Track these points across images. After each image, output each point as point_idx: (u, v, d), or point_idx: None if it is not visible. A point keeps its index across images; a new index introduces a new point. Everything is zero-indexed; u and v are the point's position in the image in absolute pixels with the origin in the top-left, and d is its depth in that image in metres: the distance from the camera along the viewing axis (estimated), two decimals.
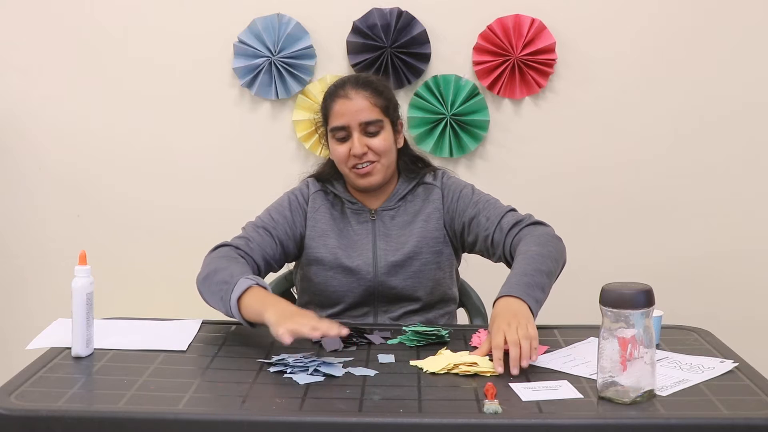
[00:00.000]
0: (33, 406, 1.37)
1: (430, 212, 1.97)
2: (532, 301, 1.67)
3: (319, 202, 1.98)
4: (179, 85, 2.73)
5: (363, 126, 1.91)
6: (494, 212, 1.92)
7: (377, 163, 1.92)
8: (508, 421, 1.33)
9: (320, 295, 1.95)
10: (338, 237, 1.95)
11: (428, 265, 1.94)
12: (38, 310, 2.71)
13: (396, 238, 1.95)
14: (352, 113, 1.90)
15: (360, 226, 1.96)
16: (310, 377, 1.49)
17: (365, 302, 1.95)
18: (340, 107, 1.92)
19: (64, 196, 2.76)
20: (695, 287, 2.77)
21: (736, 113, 2.74)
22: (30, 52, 2.72)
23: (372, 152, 1.91)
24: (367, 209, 1.98)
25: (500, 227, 1.89)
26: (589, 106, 2.73)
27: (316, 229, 1.95)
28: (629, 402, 1.38)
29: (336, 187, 2.00)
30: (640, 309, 1.38)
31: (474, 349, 1.64)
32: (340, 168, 1.95)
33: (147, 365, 1.56)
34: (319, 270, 1.94)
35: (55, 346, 1.65)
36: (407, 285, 1.94)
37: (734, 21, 2.71)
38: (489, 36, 2.68)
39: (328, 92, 1.97)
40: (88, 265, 1.60)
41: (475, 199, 1.96)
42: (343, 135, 1.92)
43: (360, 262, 1.93)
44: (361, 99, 1.91)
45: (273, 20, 2.68)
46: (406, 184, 2.00)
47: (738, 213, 2.77)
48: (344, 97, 1.92)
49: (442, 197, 1.97)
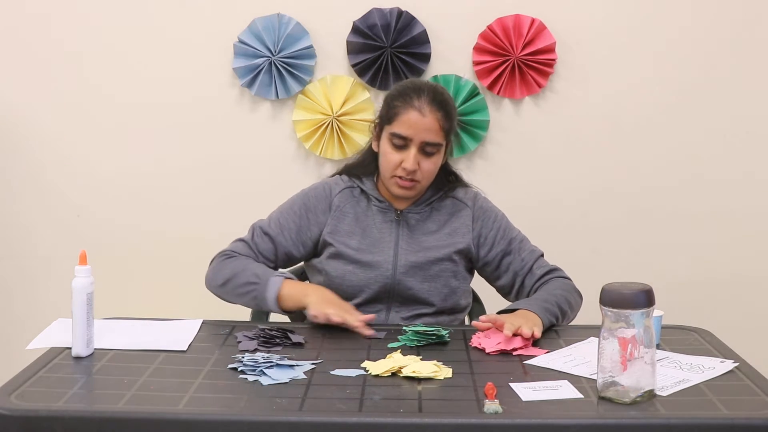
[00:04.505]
0: (33, 406, 1.37)
1: (457, 227, 1.99)
2: (546, 320, 1.78)
3: (344, 201, 1.99)
4: (179, 84, 2.72)
5: (423, 144, 1.91)
6: (529, 255, 1.99)
7: (419, 183, 1.94)
8: (508, 421, 1.33)
9: (336, 288, 1.93)
10: (361, 237, 1.96)
11: (446, 272, 1.96)
12: (38, 310, 2.71)
13: (418, 241, 1.96)
14: (420, 130, 1.90)
15: (384, 225, 1.97)
16: (261, 377, 1.48)
17: (380, 299, 1.95)
18: (410, 118, 1.90)
19: (64, 196, 2.76)
20: (695, 287, 2.76)
21: (736, 111, 2.73)
22: (26, 55, 2.71)
23: (420, 172, 1.92)
24: (394, 209, 1.99)
25: (533, 272, 1.97)
26: (589, 105, 2.73)
27: (338, 229, 1.97)
28: (629, 402, 1.38)
29: (365, 183, 2.00)
30: (641, 309, 1.38)
31: (473, 348, 1.69)
32: (383, 170, 1.96)
33: (147, 365, 1.56)
34: (339, 264, 1.95)
35: (55, 346, 1.65)
36: (423, 287, 1.94)
37: (732, 18, 2.70)
38: (489, 36, 2.68)
39: (402, 93, 1.94)
40: (89, 265, 1.60)
41: (510, 235, 2.01)
42: (402, 144, 1.91)
43: (380, 258, 1.94)
44: (433, 119, 1.91)
45: (273, 20, 2.68)
46: (433, 192, 2.01)
47: (738, 212, 2.77)
48: (418, 111, 1.90)
49: (472, 218, 2.00)
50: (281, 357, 1.58)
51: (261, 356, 1.57)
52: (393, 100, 1.95)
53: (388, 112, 1.95)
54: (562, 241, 2.70)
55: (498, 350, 1.65)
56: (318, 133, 2.70)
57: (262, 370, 1.52)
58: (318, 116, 2.70)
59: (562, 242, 2.70)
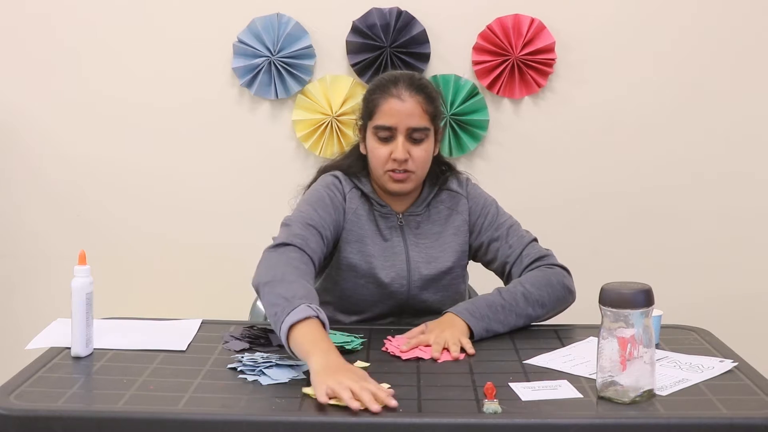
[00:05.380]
0: (32, 406, 1.36)
1: (458, 225, 1.93)
2: (480, 329, 1.70)
3: (356, 203, 1.88)
4: (178, 85, 2.72)
5: (410, 131, 1.82)
6: (518, 241, 1.90)
7: (413, 174, 1.84)
8: (507, 421, 1.32)
9: (346, 300, 1.88)
10: (373, 243, 1.87)
11: (457, 279, 1.92)
12: (38, 310, 2.71)
13: (427, 250, 1.90)
14: (403, 116, 1.82)
15: (390, 232, 1.89)
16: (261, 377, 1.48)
17: (392, 313, 1.91)
18: (390, 107, 1.82)
19: (64, 195, 2.76)
20: (695, 287, 2.76)
21: (738, 111, 2.73)
22: (25, 55, 2.71)
23: (412, 161, 1.83)
24: (394, 212, 1.91)
25: (521, 260, 1.88)
26: (589, 105, 2.73)
27: (353, 233, 1.86)
28: (629, 402, 1.38)
29: (365, 185, 1.90)
30: (640, 308, 1.37)
31: (386, 354, 1.62)
32: (374, 168, 1.86)
33: (146, 365, 1.55)
34: (350, 276, 1.86)
35: (54, 346, 1.64)
36: (437, 299, 1.90)
37: (733, 18, 2.70)
38: (488, 36, 2.68)
39: (378, 86, 1.87)
40: (88, 265, 1.59)
41: (500, 221, 1.92)
42: (387, 135, 1.83)
43: (394, 275, 1.86)
44: (414, 103, 1.82)
45: (272, 20, 2.67)
46: (430, 188, 1.94)
47: (738, 211, 2.77)
48: (397, 98, 1.82)
49: (469, 209, 1.93)
50: (281, 357, 1.57)
51: (261, 356, 1.57)
52: (371, 95, 1.87)
53: (368, 107, 1.87)
54: (561, 241, 2.68)
55: (414, 356, 1.59)
56: (317, 133, 2.70)
57: (261, 370, 1.51)
58: (317, 116, 2.70)
59: (562, 242, 2.68)
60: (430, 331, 1.67)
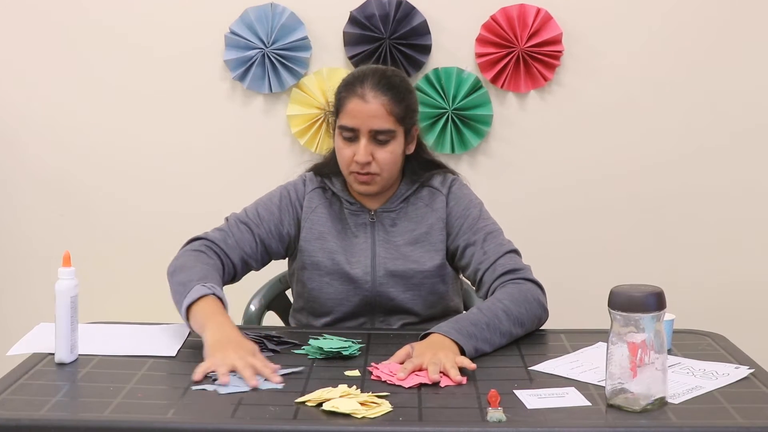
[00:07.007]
0: (14, 414, 1.34)
1: (433, 222, 1.89)
2: (471, 348, 1.61)
3: (316, 201, 1.91)
4: (168, 78, 2.70)
5: (373, 133, 1.81)
6: (494, 249, 1.83)
7: (377, 176, 1.83)
8: (512, 430, 1.31)
9: (314, 302, 1.90)
10: (337, 239, 1.88)
11: (430, 278, 1.88)
12: (20, 314, 2.64)
13: (396, 247, 1.89)
14: (364, 118, 1.80)
15: (358, 229, 1.90)
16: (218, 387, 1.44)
17: (361, 312, 1.89)
18: (353, 107, 1.81)
19: (47, 194, 2.73)
20: (709, 290, 2.72)
21: (749, 107, 2.70)
22: (12, 46, 2.68)
23: (375, 163, 1.82)
24: (366, 210, 1.91)
25: (493, 268, 1.81)
26: (597, 99, 2.70)
27: (313, 231, 1.89)
28: (639, 410, 1.36)
29: (335, 183, 1.92)
30: (651, 312, 1.35)
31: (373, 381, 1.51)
32: (341, 167, 1.88)
33: (134, 372, 1.54)
34: (314, 275, 1.88)
35: (37, 351, 1.63)
36: (406, 297, 1.87)
37: (746, 15, 2.66)
38: (492, 27, 2.65)
39: (346, 83, 1.86)
40: (73, 267, 1.58)
41: (479, 225, 1.87)
42: (351, 136, 1.82)
43: (358, 270, 1.86)
44: (378, 105, 1.80)
45: (266, 10, 2.64)
46: (408, 186, 1.92)
47: (755, 211, 2.72)
48: (360, 98, 1.81)
49: (446, 206, 1.90)
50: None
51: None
52: (340, 91, 1.87)
53: (336, 104, 1.87)
54: (569, 242, 2.68)
55: (417, 383, 1.50)
56: (313, 128, 2.68)
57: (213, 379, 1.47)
58: (313, 111, 2.67)
59: (569, 243, 2.68)
60: (421, 354, 1.55)
